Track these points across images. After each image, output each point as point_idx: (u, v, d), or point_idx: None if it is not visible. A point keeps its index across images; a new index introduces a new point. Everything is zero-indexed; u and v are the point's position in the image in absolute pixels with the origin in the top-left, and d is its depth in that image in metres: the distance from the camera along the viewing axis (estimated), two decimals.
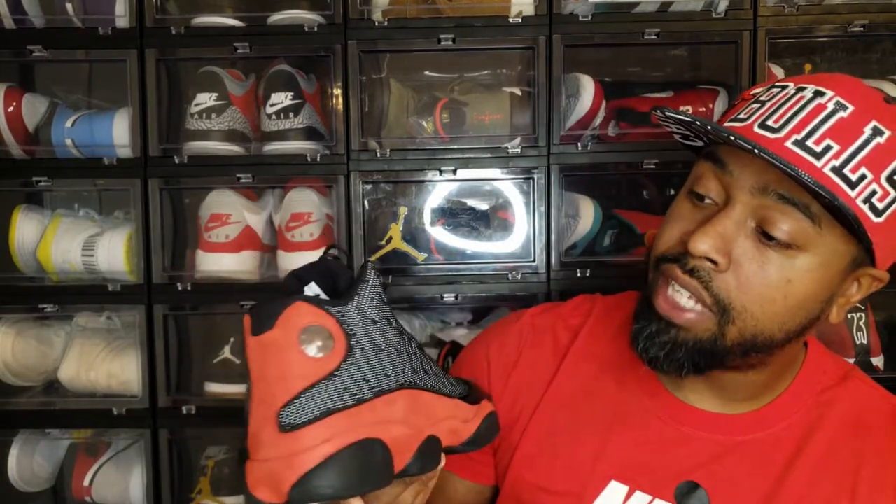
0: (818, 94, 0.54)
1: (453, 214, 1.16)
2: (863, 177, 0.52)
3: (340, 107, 1.08)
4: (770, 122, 0.55)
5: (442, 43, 1.06)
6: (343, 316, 0.47)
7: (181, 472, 1.15)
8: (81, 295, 1.10)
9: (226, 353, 1.12)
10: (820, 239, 0.53)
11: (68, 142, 1.09)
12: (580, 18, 1.04)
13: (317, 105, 1.10)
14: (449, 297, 1.08)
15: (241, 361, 1.12)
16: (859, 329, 1.06)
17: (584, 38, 1.05)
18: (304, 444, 0.44)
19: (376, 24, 1.06)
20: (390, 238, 1.15)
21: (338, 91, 1.07)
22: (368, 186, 1.16)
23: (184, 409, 1.09)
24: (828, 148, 0.52)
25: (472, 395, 0.62)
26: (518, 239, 1.13)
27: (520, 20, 1.05)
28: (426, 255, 1.15)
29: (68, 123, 1.09)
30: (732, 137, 0.51)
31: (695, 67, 1.22)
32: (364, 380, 0.47)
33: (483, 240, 1.15)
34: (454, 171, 1.08)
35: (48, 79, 1.21)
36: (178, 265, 1.14)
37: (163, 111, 1.10)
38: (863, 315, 1.06)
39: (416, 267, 1.13)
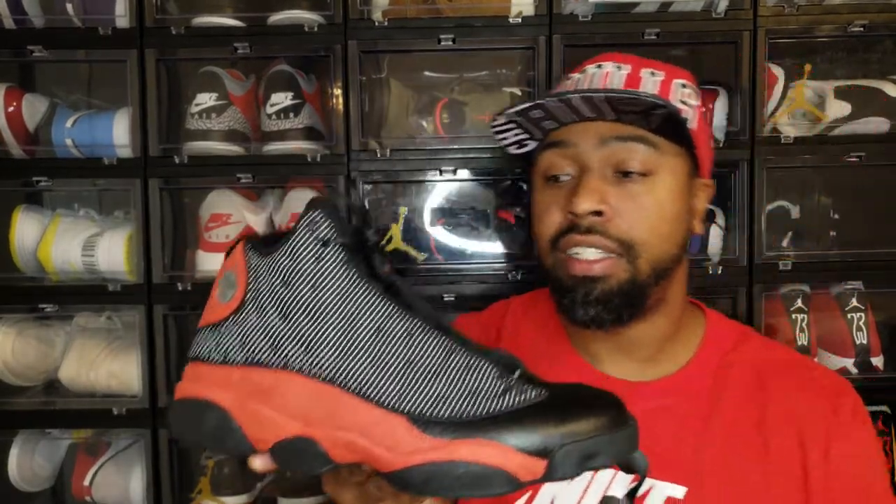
0: (599, 66, 0.68)
1: (453, 214, 1.16)
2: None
3: (340, 107, 1.08)
4: (581, 87, 0.66)
5: (442, 43, 1.06)
6: (256, 267, 0.44)
7: (181, 472, 1.15)
8: (81, 295, 1.10)
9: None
10: (663, 159, 0.64)
11: (68, 142, 1.09)
12: (580, 18, 1.04)
13: (317, 105, 1.10)
14: (449, 297, 1.08)
15: None
16: (859, 329, 1.06)
17: (584, 38, 1.05)
18: (183, 375, 0.47)
19: (376, 24, 1.06)
20: (391, 238, 1.15)
21: (338, 91, 1.07)
22: (369, 187, 1.16)
23: None
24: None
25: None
26: (518, 239, 1.13)
27: (520, 20, 1.05)
28: (426, 255, 1.15)
29: (68, 123, 1.10)
30: (574, 95, 0.59)
31: (695, 67, 1.21)
32: (242, 342, 0.43)
33: (483, 240, 1.15)
34: (454, 171, 1.08)
35: (48, 79, 1.21)
36: (178, 265, 1.14)
37: (163, 111, 1.10)
38: (862, 315, 1.06)
39: (417, 267, 1.13)
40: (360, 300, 0.42)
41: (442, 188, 1.16)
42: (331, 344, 0.41)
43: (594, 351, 0.71)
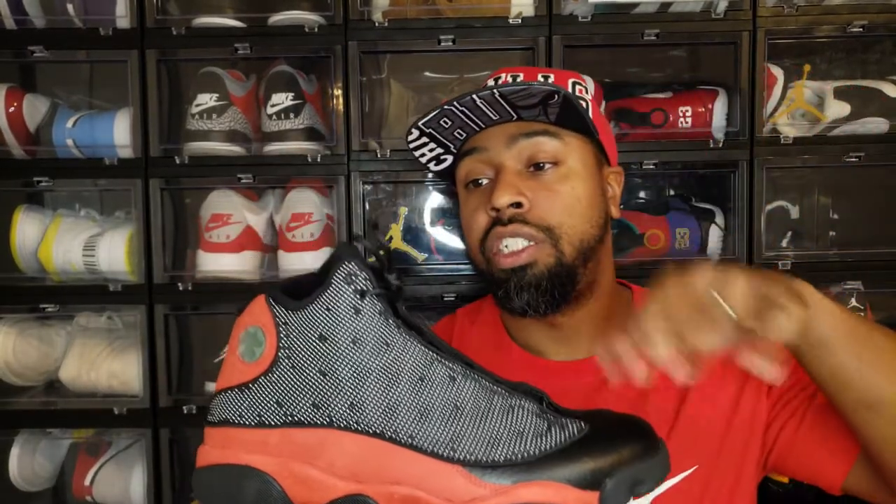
0: (497, 79, 0.74)
1: (453, 215, 1.16)
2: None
3: (341, 107, 1.08)
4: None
5: (442, 44, 1.06)
6: (287, 323, 0.42)
7: (182, 471, 1.15)
8: (82, 295, 1.10)
9: (226, 353, 1.12)
10: (569, 148, 0.69)
11: (69, 142, 1.09)
12: (580, 19, 1.04)
13: (317, 105, 1.10)
14: (449, 297, 1.08)
15: None
16: None
17: (584, 38, 1.05)
18: (206, 440, 0.45)
19: (376, 24, 1.06)
20: (391, 238, 1.15)
21: (338, 92, 1.08)
22: (369, 187, 1.16)
23: (184, 409, 1.09)
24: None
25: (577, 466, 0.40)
26: None
27: (519, 21, 1.05)
28: (426, 255, 1.16)
29: (69, 124, 1.10)
30: (474, 95, 0.64)
31: (694, 68, 1.22)
32: (278, 403, 0.42)
33: None
34: None
35: (49, 79, 1.21)
36: (178, 265, 1.14)
37: (163, 111, 1.10)
38: (862, 315, 1.06)
39: (417, 267, 1.13)
40: (401, 350, 0.41)
41: (442, 189, 1.16)
42: (376, 397, 0.41)
43: (535, 344, 0.74)
